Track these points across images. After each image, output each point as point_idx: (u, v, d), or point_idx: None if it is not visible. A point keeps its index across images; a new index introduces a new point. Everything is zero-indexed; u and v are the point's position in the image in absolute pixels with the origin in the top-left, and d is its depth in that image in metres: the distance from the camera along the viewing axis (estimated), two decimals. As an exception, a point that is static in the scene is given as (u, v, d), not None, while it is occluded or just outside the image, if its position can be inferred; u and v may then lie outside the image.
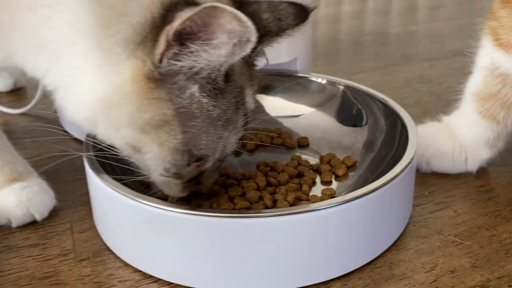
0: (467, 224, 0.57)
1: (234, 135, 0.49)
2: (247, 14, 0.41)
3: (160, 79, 0.44)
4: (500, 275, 0.50)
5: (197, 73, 0.44)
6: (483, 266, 0.51)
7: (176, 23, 0.42)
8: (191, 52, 0.42)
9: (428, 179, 0.65)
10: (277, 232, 0.47)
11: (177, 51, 0.43)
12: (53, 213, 0.60)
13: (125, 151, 0.49)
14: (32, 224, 0.58)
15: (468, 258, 0.52)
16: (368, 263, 0.51)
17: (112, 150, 0.50)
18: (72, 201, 0.62)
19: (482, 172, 0.66)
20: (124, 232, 0.52)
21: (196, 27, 0.42)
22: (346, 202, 0.47)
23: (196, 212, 0.47)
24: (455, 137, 0.65)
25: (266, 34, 0.49)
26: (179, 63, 0.43)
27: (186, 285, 0.49)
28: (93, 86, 0.46)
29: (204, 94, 0.46)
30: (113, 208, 0.51)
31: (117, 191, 0.49)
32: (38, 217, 0.58)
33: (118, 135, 0.48)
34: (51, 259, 0.53)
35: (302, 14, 0.50)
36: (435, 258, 0.52)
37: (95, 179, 0.52)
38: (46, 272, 0.51)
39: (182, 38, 0.43)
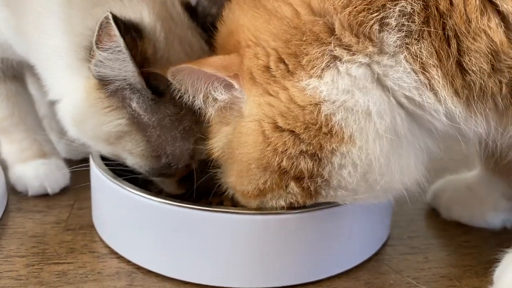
0: (431, 271, 0.57)
1: (201, 144, 0.54)
2: (194, 15, 0.49)
3: (105, 89, 0.52)
4: (440, 321, 0.49)
5: (129, 84, 0.51)
6: (428, 310, 0.51)
7: (95, 35, 0.49)
8: (101, 60, 0.50)
9: (414, 225, 0.65)
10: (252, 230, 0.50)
11: (97, 61, 0.50)
12: (64, 190, 0.69)
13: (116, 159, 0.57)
14: (44, 195, 0.67)
15: (416, 300, 0.52)
16: (310, 283, 0.53)
17: None
18: (84, 186, 0.70)
19: (476, 229, 0.65)
20: (100, 210, 0.59)
21: (102, 37, 0.49)
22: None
23: (161, 200, 0.52)
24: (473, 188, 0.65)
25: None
26: (103, 70, 0.50)
27: (142, 265, 0.54)
28: (69, 104, 0.55)
29: (142, 104, 0.52)
30: (97, 188, 0.59)
31: (102, 174, 0.56)
32: (49, 191, 0.68)
33: (99, 148, 0.57)
34: (45, 224, 0.62)
35: None
36: (383, 292, 0.53)
37: (91, 164, 0.60)
38: (36, 232, 0.60)
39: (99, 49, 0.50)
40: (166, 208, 0.52)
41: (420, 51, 0.40)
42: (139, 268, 0.54)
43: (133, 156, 0.55)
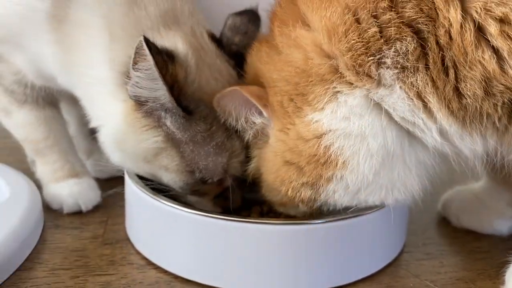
0: (447, 275, 0.61)
1: (234, 159, 0.59)
2: (220, 45, 0.57)
3: (142, 109, 0.57)
4: (459, 319, 0.53)
5: (161, 104, 0.56)
6: (447, 310, 0.55)
7: (131, 59, 0.54)
8: (136, 80, 0.55)
9: (428, 233, 0.70)
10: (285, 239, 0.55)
11: (133, 82, 0.55)
12: (97, 208, 0.73)
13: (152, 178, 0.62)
14: (78, 213, 0.71)
15: (436, 301, 0.56)
16: (338, 287, 0.57)
17: None
18: (114, 202, 0.75)
19: (485, 236, 0.69)
20: (136, 225, 0.63)
21: (137, 59, 0.54)
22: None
23: (197, 212, 0.56)
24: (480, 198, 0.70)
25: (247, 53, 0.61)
26: (139, 90, 0.55)
27: (181, 275, 0.58)
28: (111, 127, 0.60)
29: (175, 122, 0.57)
30: (133, 203, 0.63)
31: (138, 188, 0.61)
32: (83, 208, 0.72)
33: (138, 168, 0.62)
34: (84, 239, 0.66)
35: (253, 16, 0.64)
36: (404, 294, 0.57)
37: (128, 181, 0.64)
38: (77, 247, 0.64)
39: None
40: (200, 219, 0.56)
41: (416, 81, 0.46)
42: (177, 277, 0.58)
43: (168, 172, 0.60)
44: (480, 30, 0.42)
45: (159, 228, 0.60)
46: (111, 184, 0.75)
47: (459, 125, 0.46)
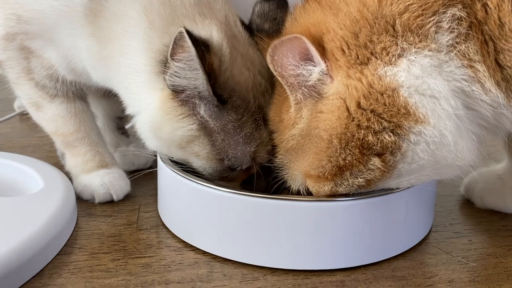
0: (477, 251, 0.62)
1: (262, 149, 0.60)
2: (250, 33, 0.59)
3: (178, 98, 0.58)
4: (495, 290, 0.55)
5: (198, 92, 0.57)
6: (482, 282, 0.56)
7: (169, 49, 0.56)
8: (176, 70, 0.57)
9: (453, 214, 0.71)
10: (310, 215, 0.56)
11: (172, 72, 0.57)
12: (127, 197, 0.74)
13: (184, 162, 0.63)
14: (110, 202, 0.73)
15: (469, 274, 0.58)
16: (372, 264, 0.58)
17: None
18: (143, 192, 0.76)
19: (510, 215, 0.71)
20: (173, 208, 0.65)
21: (176, 50, 0.56)
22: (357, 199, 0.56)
23: (235, 192, 0.57)
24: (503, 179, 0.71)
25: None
26: (177, 80, 0.57)
27: (220, 255, 0.59)
28: (147, 117, 0.62)
29: (209, 111, 0.58)
30: (169, 187, 0.64)
31: (174, 171, 0.62)
32: (115, 198, 0.73)
33: (171, 153, 0.63)
34: (119, 225, 0.67)
35: (281, 1, 0.65)
36: (437, 270, 0.58)
37: (161, 164, 0.65)
38: (113, 233, 0.65)
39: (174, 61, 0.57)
40: (236, 198, 0.57)
41: (467, 49, 0.47)
42: (215, 257, 0.59)
43: (199, 158, 0.61)
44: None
45: (195, 210, 0.61)
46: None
47: (504, 96, 0.48)
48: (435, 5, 0.47)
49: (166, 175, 0.64)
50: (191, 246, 0.62)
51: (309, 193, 0.58)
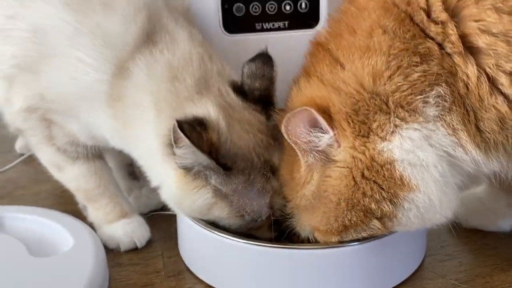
0: (467, 272, 0.72)
1: (276, 197, 0.67)
2: (242, 94, 0.68)
3: (190, 174, 0.65)
4: (485, 310, 0.64)
5: (204, 167, 0.64)
6: (474, 302, 0.66)
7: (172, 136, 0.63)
8: (180, 155, 0.64)
9: (442, 236, 0.81)
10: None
11: (178, 155, 0.64)
12: (148, 243, 0.80)
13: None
14: (134, 250, 0.79)
15: (463, 296, 0.67)
16: (382, 293, 0.67)
17: None
18: (162, 236, 0.82)
19: (492, 233, 0.81)
20: (200, 257, 0.72)
21: (176, 139, 0.63)
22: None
23: (254, 242, 0.65)
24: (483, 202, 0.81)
25: (269, 94, 0.70)
26: (184, 161, 0.64)
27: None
28: (168, 190, 0.69)
29: (218, 179, 0.65)
30: (193, 238, 0.71)
31: (197, 225, 0.69)
32: (139, 245, 0.79)
33: (202, 218, 0.70)
34: (148, 274, 0.73)
35: (266, 58, 0.71)
36: (436, 294, 0.67)
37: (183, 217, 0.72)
38: (145, 282, 0.71)
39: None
40: (259, 250, 0.66)
41: (452, 120, 0.56)
42: (242, 300, 0.67)
43: (222, 219, 0.68)
44: (493, 81, 0.53)
45: (221, 259, 0.68)
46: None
47: (483, 155, 0.57)
48: (422, 85, 0.55)
49: (187, 225, 0.71)
50: (220, 290, 0.69)
51: (316, 240, 0.66)
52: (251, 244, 0.66)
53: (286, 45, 0.83)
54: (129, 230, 0.79)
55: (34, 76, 0.72)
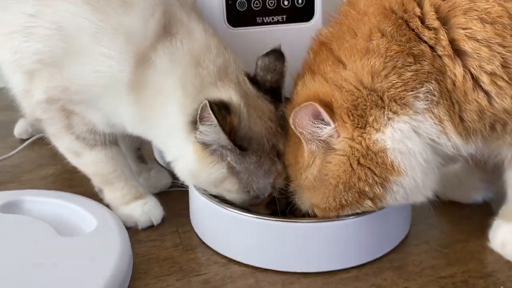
0: (447, 239, 0.83)
1: (279, 178, 0.76)
2: (256, 84, 0.76)
3: (208, 150, 0.73)
4: (464, 269, 0.75)
5: (222, 146, 0.73)
6: (454, 264, 0.77)
7: (198, 114, 0.71)
8: (202, 131, 0.72)
9: (425, 209, 0.91)
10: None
11: (201, 131, 0.72)
12: (163, 221, 0.88)
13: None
14: (151, 227, 0.87)
15: (445, 259, 0.78)
16: (375, 259, 0.77)
17: None
18: (175, 213, 0.90)
19: (466, 205, 0.92)
20: (215, 232, 0.80)
21: (202, 116, 0.71)
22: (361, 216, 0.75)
23: (256, 216, 0.75)
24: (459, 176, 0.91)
25: (278, 87, 0.77)
26: (205, 137, 0.72)
27: (260, 266, 0.75)
28: (185, 164, 0.77)
29: (233, 158, 0.74)
30: (209, 215, 0.80)
31: (211, 201, 0.78)
32: (155, 223, 0.87)
33: (207, 189, 0.78)
34: (167, 248, 0.81)
35: (278, 54, 0.80)
36: (422, 258, 0.78)
37: (197, 194, 0.80)
38: (166, 256, 0.79)
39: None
40: (266, 223, 0.75)
41: (439, 112, 0.65)
42: (256, 268, 0.76)
43: (231, 193, 0.77)
44: (476, 80, 0.63)
45: (234, 233, 0.77)
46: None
47: (462, 140, 0.66)
48: (414, 83, 0.64)
49: (203, 204, 0.79)
50: (234, 260, 0.78)
51: (315, 214, 0.76)
52: (263, 219, 0.75)
53: (285, 37, 0.91)
54: (146, 210, 0.87)
55: (57, 70, 0.77)
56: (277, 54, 0.81)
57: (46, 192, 0.90)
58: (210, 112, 0.69)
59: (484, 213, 0.88)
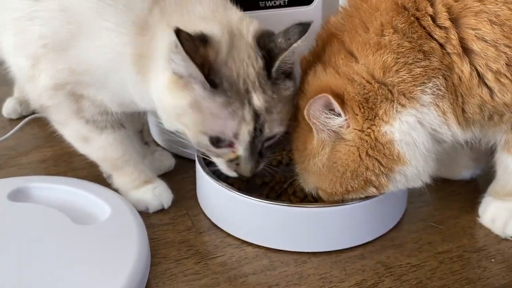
0: (441, 216, 0.89)
1: (244, 126, 0.71)
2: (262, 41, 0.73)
3: (181, 81, 0.71)
4: (459, 245, 0.82)
5: (194, 77, 0.71)
6: (449, 240, 0.84)
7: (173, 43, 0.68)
8: (175, 60, 0.70)
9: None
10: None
11: (174, 60, 0.70)
12: (172, 204, 0.91)
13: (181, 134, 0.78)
14: (161, 211, 0.89)
15: (440, 235, 0.85)
16: (378, 238, 0.84)
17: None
18: (182, 195, 0.93)
19: (455, 182, 0.98)
20: (227, 215, 0.84)
21: (175, 45, 0.68)
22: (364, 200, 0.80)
23: (261, 200, 0.79)
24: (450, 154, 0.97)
25: (280, 52, 0.73)
26: (177, 67, 0.70)
27: (272, 247, 0.80)
28: (157, 89, 0.74)
29: (201, 91, 0.70)
30: (220, 199, 0.83)
31: (220, 185, 0.81)
32: (165, 206, 0.90)
33: (171, 125, 0.77)
34: (181, 232, 0.85)
35: (303, 28, 0.76)
36: (420, 234, 0.85)
37: (210, 180, 0.83)
38: (181, 239, 0.83)
39: None
40: (276, 207, 0.80)
41: (444, 105, 0.70)
42: (268, 249, 0.81)
43: (188, 130, 0.75)
44: (481, 77, 0.67)
45: (247, 217, 0.81)
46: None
47: (462, 129, 0.72)
48: (423, 78, 0.68)
49: (216, 190, 0.83)
50: (246, 241, 0.82)
51: (318, 196, 0.81)
52: (272, 204, 0.79)
53: (286, 20, 0.92)
54: (156, 194, 0.89)
55: (63, 53, 0.77)
56: (302, 28, 0.76)
57: (53, 178, 0.91)
58: (176, 38, 0.68)
59: (471, 189, 0.95)
